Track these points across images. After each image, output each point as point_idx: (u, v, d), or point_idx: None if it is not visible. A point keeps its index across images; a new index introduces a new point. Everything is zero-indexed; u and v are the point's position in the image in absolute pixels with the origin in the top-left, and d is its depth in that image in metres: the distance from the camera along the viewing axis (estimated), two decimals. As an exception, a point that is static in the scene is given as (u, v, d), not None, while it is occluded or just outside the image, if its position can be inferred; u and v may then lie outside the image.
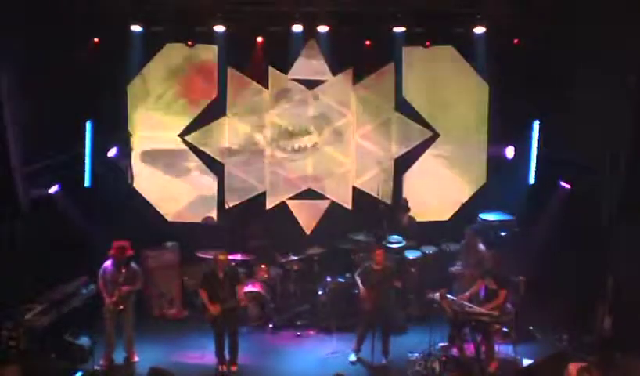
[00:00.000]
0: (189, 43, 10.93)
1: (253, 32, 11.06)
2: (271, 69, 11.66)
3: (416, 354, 9.20)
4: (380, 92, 11.81)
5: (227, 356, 9.12)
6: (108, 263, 9.13)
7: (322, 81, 11.75)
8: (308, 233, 11.90)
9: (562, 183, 10.78)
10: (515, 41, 10.96)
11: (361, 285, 9.28)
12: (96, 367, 8.92)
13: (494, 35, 10.88)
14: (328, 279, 10.48)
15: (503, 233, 10.65)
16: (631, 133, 9.15)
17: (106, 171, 11.12)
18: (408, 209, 11.22)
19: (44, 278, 9.47)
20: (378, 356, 9.15)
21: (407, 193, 11.82)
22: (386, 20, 10.74)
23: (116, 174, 11.33)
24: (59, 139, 10.08)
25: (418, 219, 11.57)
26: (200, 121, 11.70)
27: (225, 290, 8.96)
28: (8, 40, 8.77)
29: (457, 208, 11.95)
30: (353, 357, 9.41)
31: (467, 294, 9.26)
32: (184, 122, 11.70)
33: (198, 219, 11.74)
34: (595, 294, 9.33)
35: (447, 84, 11.76)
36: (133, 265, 9.25)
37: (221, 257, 9.04)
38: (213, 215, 11.80)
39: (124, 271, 9.07)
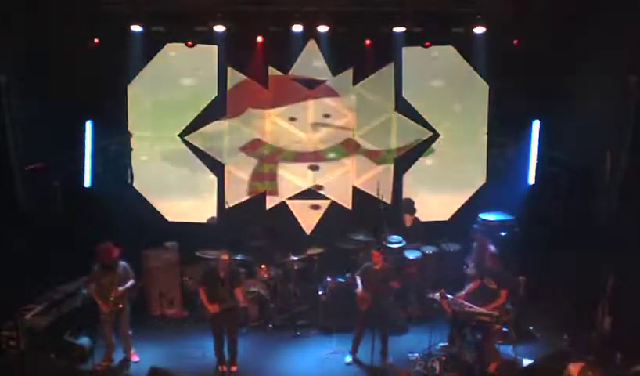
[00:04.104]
0: (189, 43, 10.92)
1: (253, 32, 11.07)
2: (271, 69, 11.67)
3: (416, 354, 9.22)
4: (380, 92, 11.82)
5: (227, 356, 9.12)
6: (97, 267, 9.07)
7: (322, 81, 11.76)
8: (308, 233, 11.91)
9: (562, 183, 10.78)
10: (515, 41, 10.97)
11: (360, 285, 9.26)
12: (96, 367, 8.92)
13: (494, 35, 10.88)
14: (329, 279, 10.47)
15: (503, 233, 10.65)
16: (631, 133, 9.15)
17: (106, 171, 11.11)
18: (414, 210, 11.17)
19: (44, 278, 9.47)
20: (378, 356, 9.11)
21: (407, 193, 11.83)
22: (386, 20, 10.75)
23: (116, 174, 11.34)
24: (59, 139, 10.08)
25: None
26: (200, 121, 11.71)
27: (225, 289, 8.96)
28: (8, 40, 8.78)
29: (457, 208, 11.97)
30: (348, 358, 9.40)
31: (463, 292, 9.28)
32: (184, 122, 11.71)
33: (198, 219, 11.74)
34: (595, 294, 9.33)
35: (447, 84, 11.77)
36: (122, 263, 9.18)
37: (224, 257, 9.04)
38: (214, 214, 11.80)
39: (114, 272, 9.02)
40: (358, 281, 9.33)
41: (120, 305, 9.02)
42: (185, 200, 11.88)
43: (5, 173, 9.02)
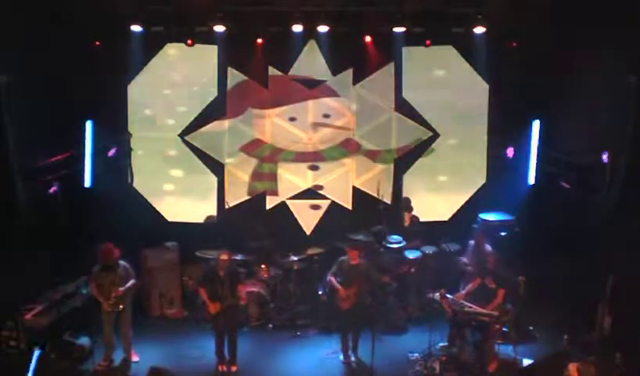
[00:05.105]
0: (189, 42, 10.91)
1: (253, 32, 11.07)
2: (271, 69, 11.67)
3: (416, 354, 9.23)
4: (380, 92, 11.81)
5: (227, 356, 9.12)
6: (97, 268, 9.07)
7: (322, 81, 11.76)
8: (308, 233, 11.91)
9: (562, 183, 10.79)
10: (514, 43, 10.97)
11: (338, 285, 9.17)
12: (96, 367, 8.92)
13: (494, 35, 10.88)
14: (329, 279, 10.46)
15: (503, 233, 10.66)
16: (631, 133, 9.15)
17: (106, 171, 11.12)
18: (411, 209, 11.20)
19: (44, 278, 9.47)
20: (378, 356, 9.04)
21: (407, 193, 11.82)
22: (386, 20, 10.74)
23: (116, 174, 11.34)
24: (59, 139, 10.08)
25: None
26: (200, 121, 11.70)
27: (226, 288, 8.97)
28: (8, 40, 8.77)
29: (457, 208, 11.97)
30: (341, 357, 9.40)
31: (463, 292, 9.29)
32: (184, 122, 11.71)
33: (198, 219, 11.75)
34: (595, 294, 9.33)
35: (447, 84, 11.78)
36: (123, 263, 9.17)
37: (223, 256, 9.04)
38: (214, 214, 11.80)
39: (114, 273, 9.02)
40: (333, 281, 9.25)
41: (121, 306, 9.01)
42: (185, 200, 11.88)
43: (5, 173, 9.01)
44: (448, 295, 9.00)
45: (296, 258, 10.70)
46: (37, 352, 7.75)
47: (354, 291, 9.05)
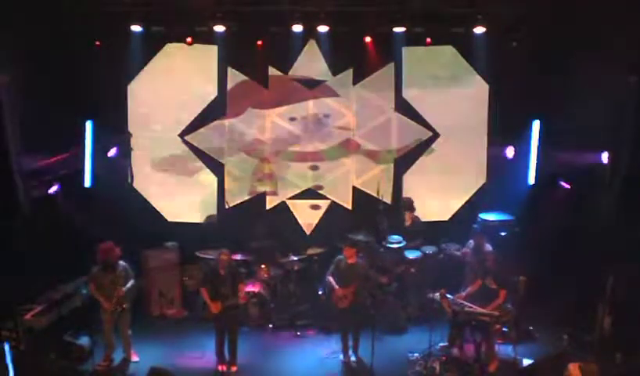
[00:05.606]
0: (189, 41, 10.90)
1: (253, 32, 11.07)
2: (271, 69, 11.66)
3: (416, 354, 9.23)
4: (380, 92, 11.81)
5: (227, 356, 9.12)
6: (97, 268, 9.07)
7: (322, 81, 11.76)
8: (308, 233, 11.91)
9: (562, 183, 10.80)
10: (515, 42, 10.98)
11: (335, 285, 9.20)
12: (96, 367, 8.92)
13: (494, 35, 10.88)
14: (329, 278, 10.46)
15: (503, 233, 10.66)
16: (631, 133, 9.17)
17: (106, 171, 11.12)
18: (413, 209, 11.19)
19: (44, 278, 9.47)
20: (378, 356, 9.07)
21: (407, 193, 11.82)
22: (386, 20, 10.74)
23: (116, 174, 11.34)
24: (59, 139, 10.09)
25: (417, 219, 11.58)
26: (200, 121, 11.70)
27: (227, 287, 8.98)
28: (8, 40, 8.78)
29: (457, 208, 11.97)
30: (341, 357, 9.42)
31: (463, 293, 9.29)
32: (184, 122, 11.71)
33: (198, 219, 11.75)
34: (595, 294, 9.33)
35: (447, 84, 11.77)
36: (122, 263, 9.18)
37: (223, 256, 9.05)
38: (214, 214, 11.80)
39: (114, 272, 9.02)
40: (332, 280, 9.27)
41: (125, 306, 9.02)
42: (185, 200, 11.88)
43: (5, 173, 9.02)
44: (448, 295, 9.00)
45: (296, 258, 10.70)
46: (6, 345, 7.76)
47: (351, 290, 9.06)
